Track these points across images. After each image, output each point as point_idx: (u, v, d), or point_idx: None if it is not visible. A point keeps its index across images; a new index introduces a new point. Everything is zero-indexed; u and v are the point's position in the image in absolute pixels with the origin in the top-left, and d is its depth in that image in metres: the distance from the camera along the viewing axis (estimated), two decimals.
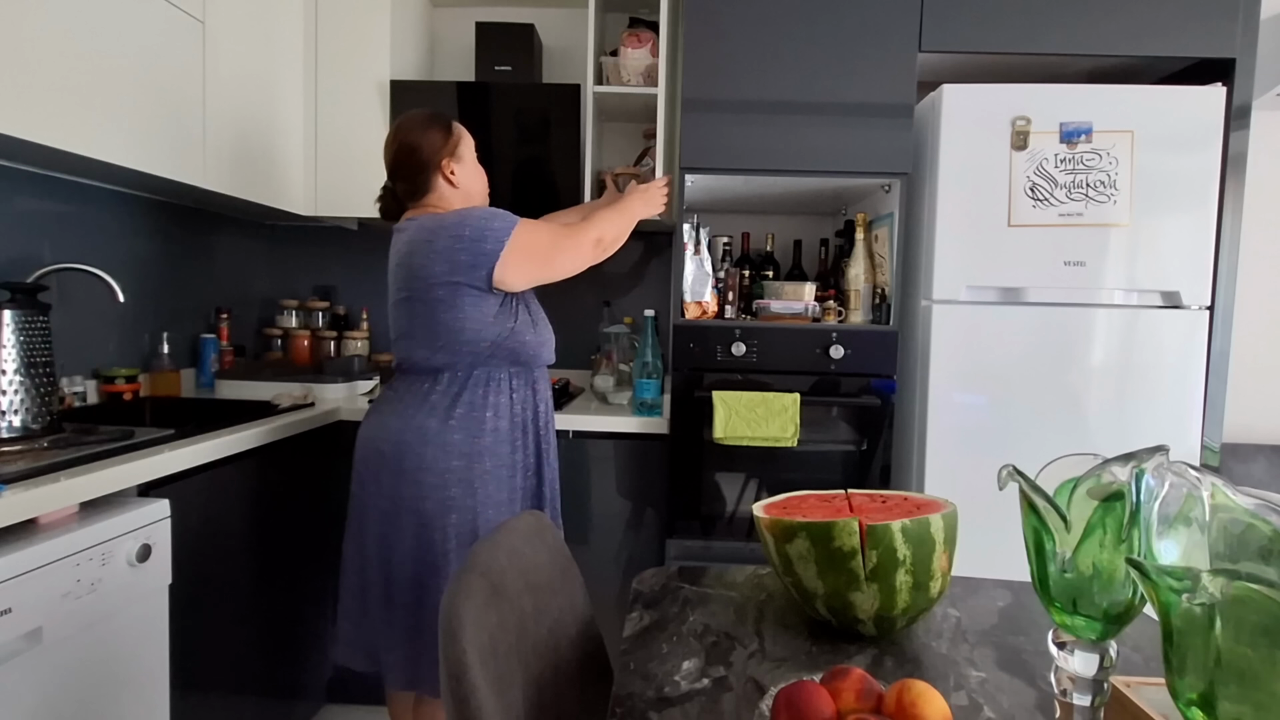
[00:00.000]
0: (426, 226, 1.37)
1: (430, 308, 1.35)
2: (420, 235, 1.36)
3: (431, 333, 1.37)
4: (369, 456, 1.41)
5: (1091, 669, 0.60)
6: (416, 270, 1.35)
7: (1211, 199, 1.65)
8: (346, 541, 1.45)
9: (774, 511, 0.93)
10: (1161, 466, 0.57)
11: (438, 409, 1.37)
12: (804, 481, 1.75)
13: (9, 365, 1.26)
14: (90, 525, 1.11)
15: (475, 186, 1.50)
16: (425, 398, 1.38)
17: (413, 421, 1.37)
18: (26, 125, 1.26)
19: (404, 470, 1.35)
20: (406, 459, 1.35)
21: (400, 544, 1.36)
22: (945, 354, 1.69)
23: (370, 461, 1.40)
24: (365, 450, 1.42)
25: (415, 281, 1.36)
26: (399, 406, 1.40)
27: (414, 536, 1.35)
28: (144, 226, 1.91)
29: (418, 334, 1.38)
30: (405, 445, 1.36)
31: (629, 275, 2.42)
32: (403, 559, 1.36)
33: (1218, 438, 1.72)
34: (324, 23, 2.07)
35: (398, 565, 1.37)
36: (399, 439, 1.36)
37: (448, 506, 1.35)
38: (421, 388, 1.40)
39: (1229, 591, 0.45)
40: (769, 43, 1.71)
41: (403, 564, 1.36)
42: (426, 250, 1.34)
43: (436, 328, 1.36)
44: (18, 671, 1.00)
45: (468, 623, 0.72)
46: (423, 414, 1.37)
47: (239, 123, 1.83)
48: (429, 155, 1.41)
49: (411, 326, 1.39)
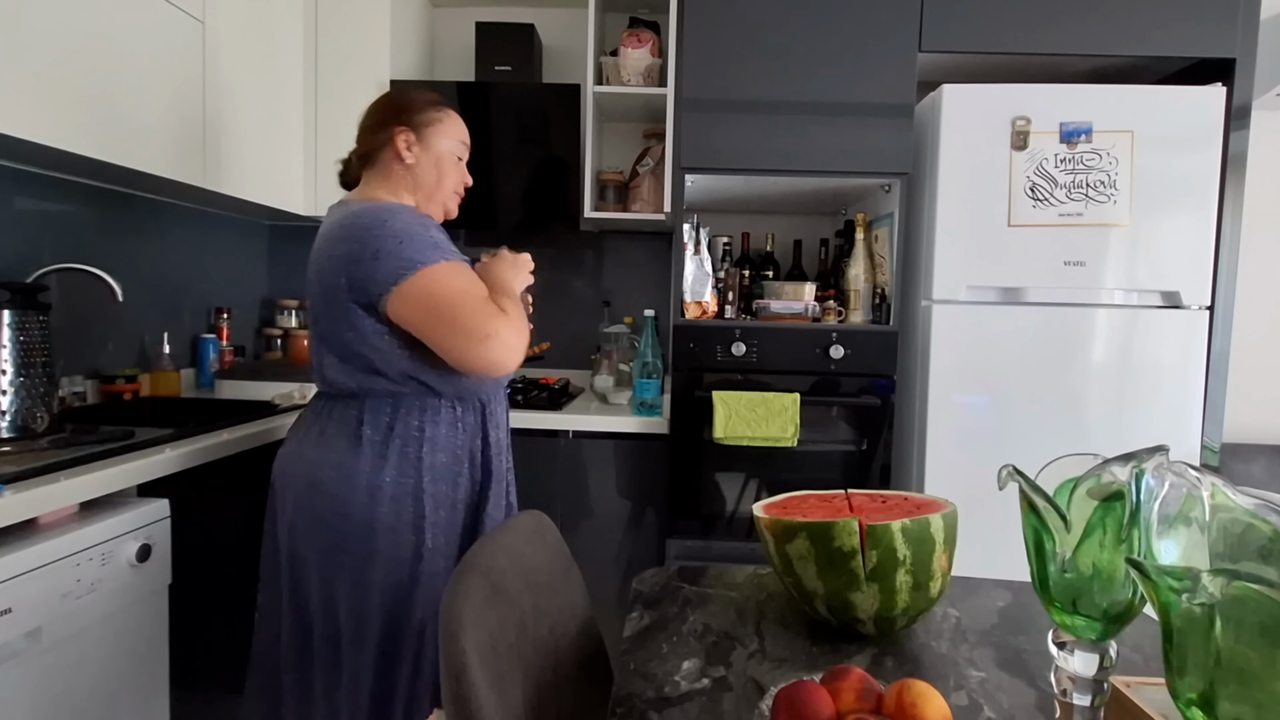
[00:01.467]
0: (341, 221, 1.12)
1: (334, 324, 1.11)
2: (332, 230, 1.12)
3: (339, 351, 1.12)
4: (283, 489, 1.16)
5: (1091, 669, 0.60)
6: (322, 273, 1.10)
7: (1211, 199, 1.65)
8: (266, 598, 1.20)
9: (774, 511, 0.93)
10: (1161, 466, 0.57)
11: (365, 443, 1.12)
12: (804, 481, 1.75)
13: (9, 365, 1.26)
14: (90, 525, 1.11)
15: (429, 179, 1.22)
16: (351, 428, 1.13)
17: (334, 456, 1.12)
18: (26, 125, 1.26)
19: (324, 513, 1.11)
20: (324, 500, 1.11)
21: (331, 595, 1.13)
22: (945, 354, 1.69)
23: (285, 496, 1.15)
24: (279, 481, 1.17)
25: (318, 286, 1.12)
26: (319, 434, 1.14)
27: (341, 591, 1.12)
28: (144, 226, 1.91)
29: (333, 349, 1.13)
30: (326, 482, 1.11)
31: (629, 275, 2.42)
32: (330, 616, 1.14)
33: (1218, 438, 1.72)
34: (324, 23, 2.07)
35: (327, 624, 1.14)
36: (316, 475, 1.12)
37: (372, 559, 1.11)
38: (346, 414, 1.14)
39: (1229, 591, 0.45)
40: (769, 43, 1.71)
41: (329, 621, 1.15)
42: (330, 251, 1.10)
43: (343, 345, 1.11)
44: (18, 671, 1.00)
45: (468, 623, 0.72)
46: (347, 446, 1.12)
47: (239, 123, 1.83)
48: (385, 118, 1.20)
49: (324, 338, 1.14)
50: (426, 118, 1.22)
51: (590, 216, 2.09)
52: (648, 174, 2.16)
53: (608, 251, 2.42)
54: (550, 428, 1.85)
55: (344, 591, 1.12)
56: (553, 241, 2.42)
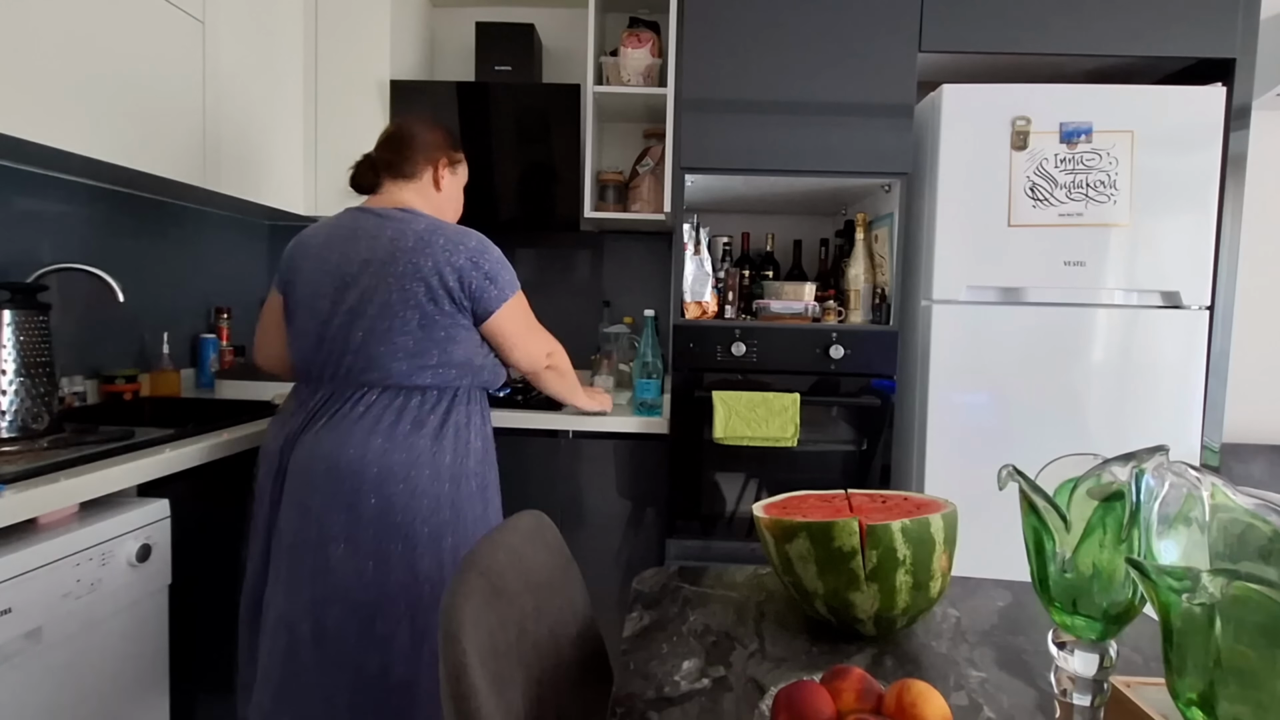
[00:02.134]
0: (443, 232, 1.25)
1: (426, 320, 1.23)
2: (434, 237, 1.24)
3: (424, 345, 1.24)
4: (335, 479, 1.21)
5: (1091, 669, 0.60)
6: (424, 272, 1.21)
7: (1211, 199, 1.65)
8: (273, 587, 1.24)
9: (774, 511, 0.93)
10: (1161, 466, 0.57)
11: (427, 429, 1.25)
12: (804, 481, 1.75)
13: (9, 365, 1.26)
14: (90, 525, 1.11)
15: (449, 209, 1.43)
16: (413, 416, 1.25)
17: (400, 441, 1.23)
18: (26, 125, 1.26)
19: (394, 494, 1.21)
20: (396, 482, 1.21)
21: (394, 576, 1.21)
22: (945, 354, 1.69)
23: (338, 485, 1.21)
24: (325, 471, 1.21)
25: (415, 284, 1.21)
26: (374, 423, 1.23)
27: (409, 568, 1.22)
28: (144, 226, 1.91)
29: (406, 343, 1.23)
30: (396, 466, 1.21)
31: (629, 275, 2.42)
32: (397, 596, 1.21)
33: (1218, 438, 1.72)
34: (324, 23, 2.07)
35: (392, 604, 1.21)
36: (385, 460, 1.21)
37: (442, 531, 1.25)
38: (406, 404, 1.26)
39: (1229, 591, 0.45)
40: (769, 43, 1.71)
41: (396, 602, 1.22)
42: (444, 259, 1.22)
43: (431, 342, 1.24)
44: (18, 671, 1.00)
45: (468, 623, 0.72)
46: (411, 432, 1.24)
47: (239, 123, 1.83)
48: (431, 145, 1.37)
49: (399, 333, 1.23)
50: (458, 156, 1.44)
51: (590, 216, 2.09)
52: (648, 174, 2.16)
53: (608, 251, 2.42)
54: (550, 428, 1.85)
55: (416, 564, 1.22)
56: (553, 241, 2.42)
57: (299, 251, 1.33)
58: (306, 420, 1.27)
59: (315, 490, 1.22)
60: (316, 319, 1.27)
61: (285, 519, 1.25)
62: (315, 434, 1.24)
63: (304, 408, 1.29)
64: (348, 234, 1.28)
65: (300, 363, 1.32)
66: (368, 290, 1.23)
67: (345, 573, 1.21)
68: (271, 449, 1.29)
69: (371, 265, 1.23)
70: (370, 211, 1.30)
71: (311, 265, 1.29)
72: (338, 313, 1.25)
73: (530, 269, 2.43)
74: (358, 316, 1.23)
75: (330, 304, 1.25)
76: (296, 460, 1.25)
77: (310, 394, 1.30)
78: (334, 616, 1.21)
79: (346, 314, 1.24)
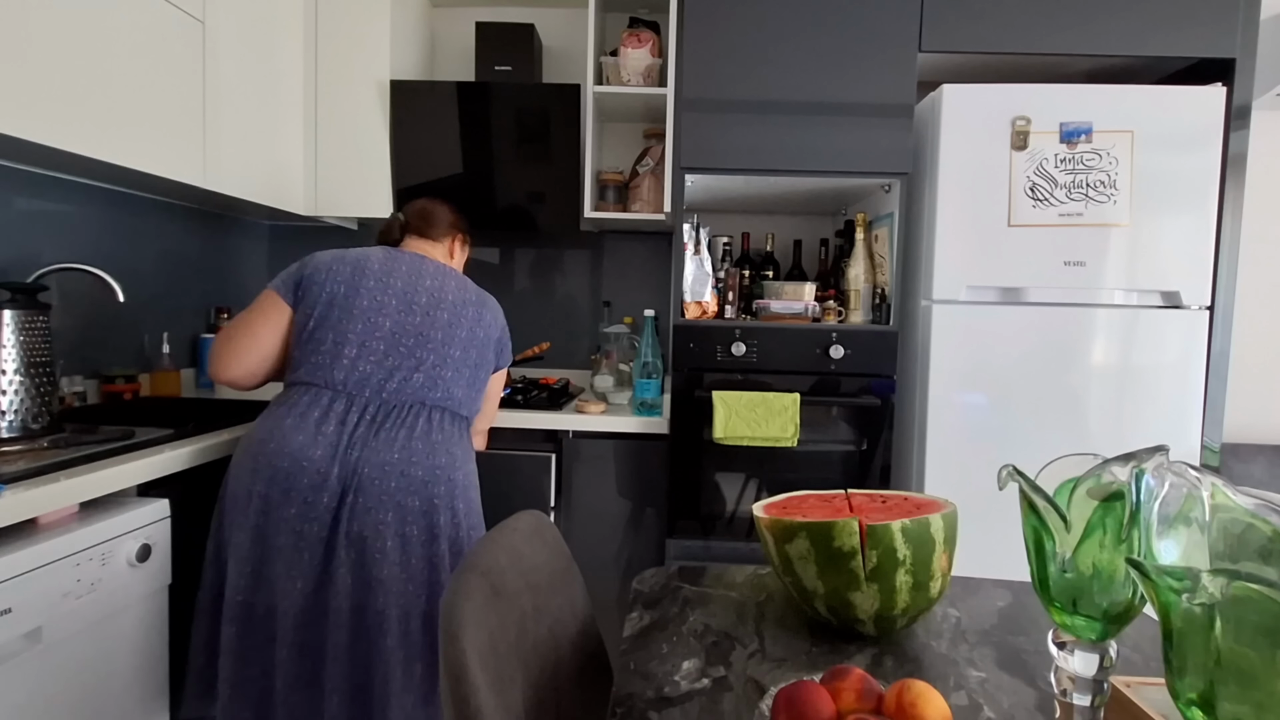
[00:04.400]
0: (477, 291, 1.50)
1: (484, 365, 1.47)
2: (487, 299, 1.51)
3: (473, 384, 1.45)
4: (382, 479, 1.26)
5: (1091, 669, 0.60)
6: (485, 323, 1.47)
7: (1211, 199, 1.65)
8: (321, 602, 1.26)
9: (774, 511, 0.93)
10: (1161, 466, 0.57)
11: (470, 451, 1.44)
12: (804, 481, 1.75)
13: (9, 365, 1.26)
14: (90, 525, 1.11)
15: None
16: (460, 440, 1.40)
17: (463, 462, 1.39)
18: (26, 125, 1.26)
19: (455, 510, 1.33)
20: (460, 499, 1.35)
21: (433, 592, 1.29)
22: (945, 354, 1.69)
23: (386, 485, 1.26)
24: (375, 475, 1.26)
25: (477, 329, 1.45)
26: (443, 444, 1.35)
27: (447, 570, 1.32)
28: (144, 226, 1.91)
29: (471, 381, 1.44)
30: (438, 469, 1.32)
31: (629, 275, 2.42)
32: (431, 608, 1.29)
33: (1218, 438, 1.72)
34: (324, 23, 2.07)
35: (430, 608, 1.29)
36: (450, 477, 1.34)
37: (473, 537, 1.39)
38: (455, 429, 1.40)
39: (1229, 591, 0.45)
40: (769, 43, 1.71)
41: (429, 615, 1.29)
42: (494, 319, 1.51)
43: (480, 383, 1.47)
44: (18, 671, 1.00)
45: (468, 623, 0.72)
46: (465, 457, 1.40)
47: (239, 123, 1.83)
48: (453, 224, 1.60)
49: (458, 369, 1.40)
50: (466, 236, 1.65)
51: (590, 216, 2.09)
52: (648, 174, 2.16)
53: (608, 251, 2.42)
54: (550, 428, 1.85)
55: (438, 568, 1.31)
56: (553, 241, 2.42)
57: (353, 269, 1.37)
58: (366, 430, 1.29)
59: (390, 500, 1.27)
60: (377, 335, 1.33)
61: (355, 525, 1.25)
62: (379, 445, 1.28)
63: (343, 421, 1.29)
64: (410, 266, 1.42)
65: (334, 374, 1.30)
66: (440, 322, 1.39)
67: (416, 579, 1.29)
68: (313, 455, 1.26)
69: (443, 302, 1.41)
70: (425, 257, 1.47)
71: (374, 284, 1.36)
72: (405, 333, 1.35)
73: (530, 269, 2.43)
74: (428, 341, 1.37)
75: (393, 323, 1.35)
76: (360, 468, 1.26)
77: (348, 405, 1.30)
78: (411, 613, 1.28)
79: (416, 336, 1.36)
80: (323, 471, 1.25)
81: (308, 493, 1.24)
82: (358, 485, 1.25)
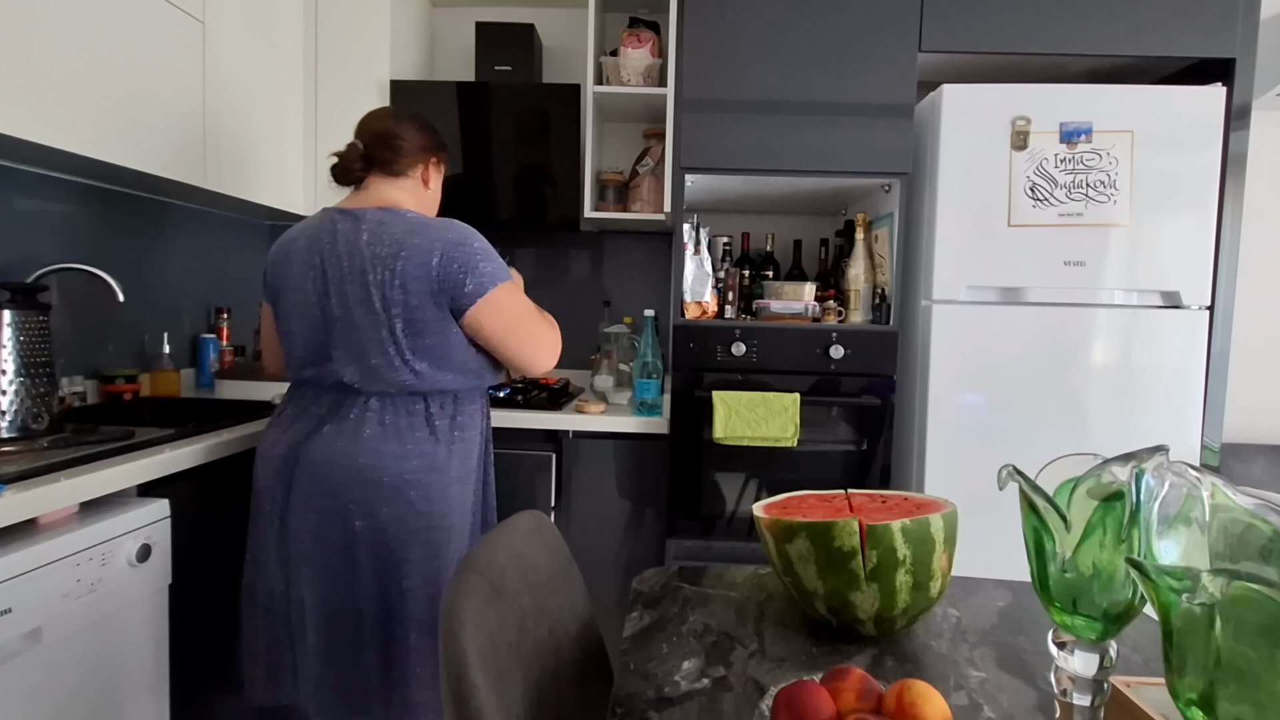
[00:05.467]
0: (418, 230, 1.21)
1: (414, 325, 1.21)
2: (409, 239, 1.20)
3: (417, 352, 1.22)
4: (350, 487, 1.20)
5: (1091, 669, 0.60)
6: (403, 278, 1.18)
7: (1211, 199, 1.65)
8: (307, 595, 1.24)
9: (774, 511, 0.93)
10: (1161, 466, 0.57)
11: (440, 434, 1.26)
12: (804, 481, 1.75)
13: (9, 365, 1.26)
14: (90, 525, 1.11)
15: (436, 205, 1.42)
16: (423, 420, 1.25)
17: (414, 448, 1.23)
18: (27, 125, 1.26)
19: (410, 501, 1.22)
20: (414, 489, 1.22)
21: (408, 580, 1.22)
22: (945, 354, 1.69)
23: (352, 493, 1.20)
24: (341, 478, 1.21)
25: (395, 290, 1.19)
26: (387, 430, 1.23)
27: (423, 570, 1.23)
28: (144, 226, 1.91)
29: (411, 350, 1.22)
30: (408, 473, 1.22)
31: (629, 275, 2.42)
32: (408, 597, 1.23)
33: (1218, 438, 1.72)
34: (324, 23, 2.07)
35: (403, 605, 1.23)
36: (397, 467, 1.21)
37: (451, 534, 1.26)
38: (413, 408, 1.25)
39: (1229, 591, 0.45)
40: (769, 43, 1.71)
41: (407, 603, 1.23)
42: (422, 259, 1.19)
43: (424, 349, 1.22)
44: (18, 671, 1.00)
45: (468, 623, 0.72)
46: (427, 438, 1.25)
47: (239, 123, 1.83)
48: (422, 145, 1.34)
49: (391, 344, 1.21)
50: (443, 154, 1.42)
51: (590, 216, 2.09)
52: (648, 174, 2.16)
53: (608, 251, 2.42)
54: (550, 428, 1.85)
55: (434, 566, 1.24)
56: (553, 241, 2.42)
57: (280, 257, 1.29)
58: (314, 426, 1.25)
59: (333, 496, 1.21)
60: (310, 325, 1.24)
61: (302, 522, 1.23)
62: (325, 440, 1.23)
63: (307, 413, 1.27)
64: (328, 237, 1.24)
65: (298, 369, 1.29)
66: (354, 298, 1.20)
67: (366, 574, 1.22)
68: (274, 454, 1.26)
69: (353, 272, 1.20)
70: (348, 213, 1.25)
71: (297, 271, 1.25)
72: (331, 319, 1.22)
73: (530, 269, 2.43)
74: (350, 324, 1.21)
75: (321, 310, 1.23)
76: (310, 466, 1.22)
77: (313, 399, 1.28)
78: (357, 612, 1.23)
79: (340, 321, 1.22)
80: (278, 471, 1.25)
81: (272, 493, 1.26)
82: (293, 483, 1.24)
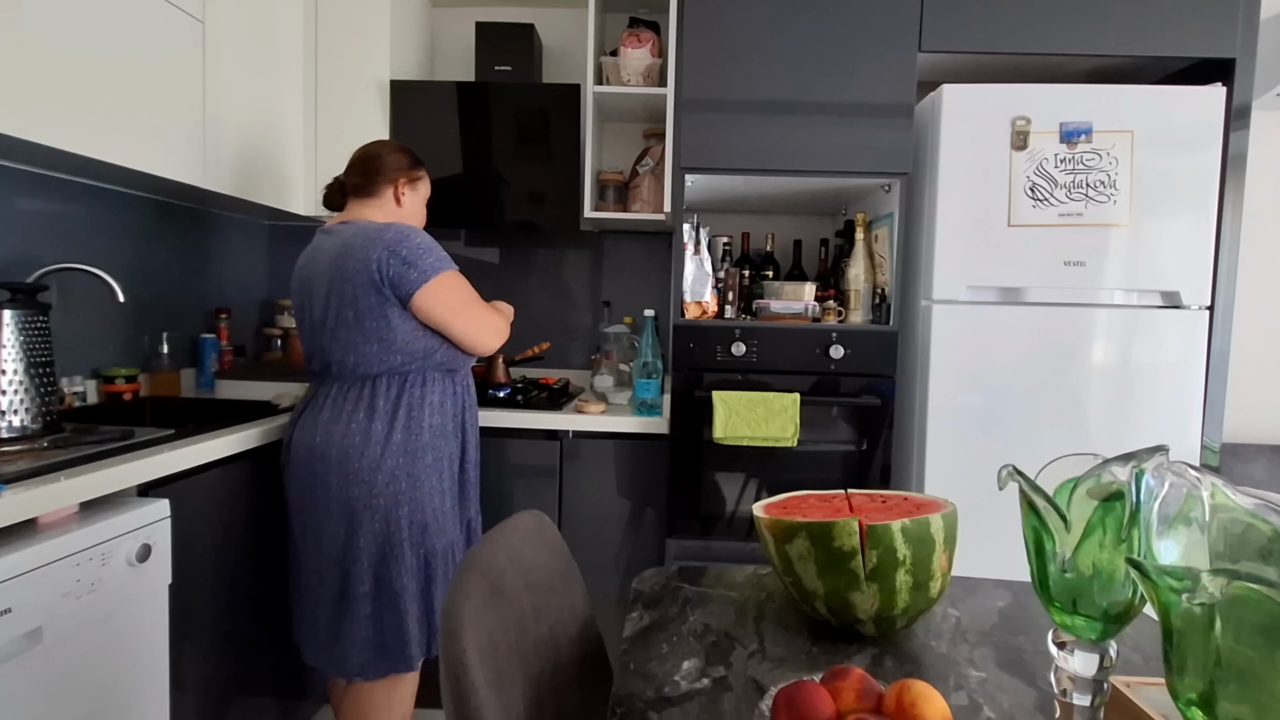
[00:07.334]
0: (366, 233, 1.42)
1: (359, 315, 1.40)
2: (357, 240, 1.41)
3: (363, 338, 1.42)
4: (309, 461, 1.44)
5: (1091, 669, 0.60)
6: (348, 274, 1.39)
7: (1211, 199, 1.65)
8: (301, 549, 1.50)
9: (774, 511, 0.93)
10: (1161, 466, 0.57)
11: (379, 412, 1.43)
12: (804, 481, 1.75)
13: (9, 365, 1.26)
14: (90, 525, 1.11)
15: (415, 220, 1.59)
16: (367, 402, 1.44)
17: (356, 425, 1.42)
18: (26, 125, 1.26)
19: (353, 472, 1.41)
20: (353, 461, 1.41)
21: (358, 539, 1.42)
22: (945, 354, 1.69)
23: (312, 466, 1.43)
24: (305, 455, 1.44)
25: (344, 285, 1.40)
26: (338, 412, 1.44)
27: (371, 531, 1.42)
28: (144, 226, 1.91)
29: (351, 338, 1.42)
30: (350, 448, 1.41)
31: (629, 275, 2.42)
32: (361, 553, 1.42)
33: (1218, 438, 1.72)
34: (324, 23, 2.07)
35: (356, 560, 1.42)
36: (343, 443, 1.41)
37: (398, 500, 1.42)
38: (361, 392, 1.45)
39: (1229, 591, 0.45)
40: (769, 43, 1.71)
41: (360, 558, 1.42)
42: (362, 256, 1.39)
43: (367, 334, 1.41)
44: (18, 671, 1.00)
45: (468, 622, 0.72)
46: (365, 418, 1.43)
47: (239, 123, 1.83)
48: (391, 166, 1.53)
49: (343, 331, 1.42)
50: (418, 174, 1.59)
51: (590, 216, 2.09)
52: (648, 174, 2.16)
53: (608, 251, 2.42)
54: (550, 428, 1.85)
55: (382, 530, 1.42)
56: (552, 241, 2.42)
57: (295, 273, 1.55)
58: (299, 413, 1.51)
59: (301, 471, 1.45)
60: (305, 329, 1.51)
61: (295, 491, 1.48)
62: (300, 425, 1.48)
63: (302, 402, 1.54)
64: (313, 251, 1.50)
65: (305, 364, 1.57)
66: (323, 300, 1.44)
67: (331, 536, 1.44)
68: (284, 437, 1.54)
69: (324, 278, 1.44)
70: (327, 231, 1.49)
71: (296, 284, 1.52)
72: (313, 323, 1.47)
73: (530, 269, 2.43)
74: (322, 324, 1.45)
75: (309, 315, 1.48)
76: (293, 446, 1.47)
77: (309, 390, 1.56)
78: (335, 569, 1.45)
79: (319, 323, 1.46)
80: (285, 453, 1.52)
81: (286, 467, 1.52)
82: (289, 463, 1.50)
